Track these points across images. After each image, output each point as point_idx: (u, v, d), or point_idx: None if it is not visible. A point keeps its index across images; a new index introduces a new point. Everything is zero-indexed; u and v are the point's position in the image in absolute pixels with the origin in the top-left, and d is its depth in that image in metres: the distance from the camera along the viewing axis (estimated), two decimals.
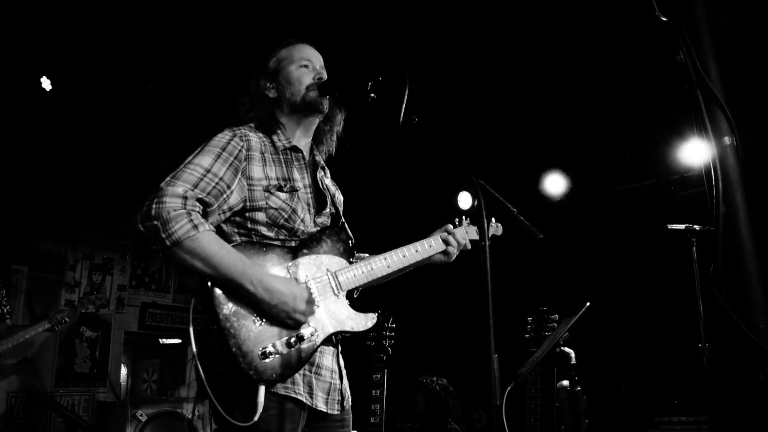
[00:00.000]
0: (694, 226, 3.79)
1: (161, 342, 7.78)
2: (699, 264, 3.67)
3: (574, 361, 3.80)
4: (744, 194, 2.61)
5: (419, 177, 6.56)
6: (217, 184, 2.21)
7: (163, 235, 2.05)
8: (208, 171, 2.20)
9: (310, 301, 2.21)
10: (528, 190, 6.64)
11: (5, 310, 5.00)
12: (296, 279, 2.25)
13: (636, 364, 5.87)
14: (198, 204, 2.16)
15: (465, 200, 6.72)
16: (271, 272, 2.20)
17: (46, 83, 5.63)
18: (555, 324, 3.85)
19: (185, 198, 2.12)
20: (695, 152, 5.41)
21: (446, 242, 2.72)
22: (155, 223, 2.06)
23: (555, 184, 6.66)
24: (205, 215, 2.19)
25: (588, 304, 3.57)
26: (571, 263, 6.32)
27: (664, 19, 2.79)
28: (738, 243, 2.55)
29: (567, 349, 3.77)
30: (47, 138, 6.23)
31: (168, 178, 2.16)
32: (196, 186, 2.16)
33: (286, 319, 2.17)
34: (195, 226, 2.08)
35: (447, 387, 4.97)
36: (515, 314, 4.28)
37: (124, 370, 7.61)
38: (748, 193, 2.63)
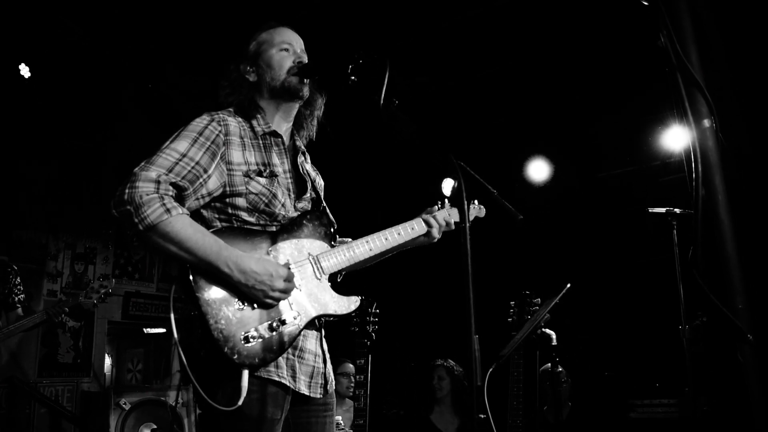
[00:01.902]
0: (675, 210, 3.82)
1: (146, 331, 7.73)
2: (679, 247, 3.70)
3: (555, 342, 3.83)
4: (723, 177, 2.64)
5: (404, 161, 6.54)
6: (192, 168, 2.19)
7: (136, 220, 2.05)
8: (184, 155, 2.19)
9: (289, 279, 2.20)
10: (513, 175, 6.67)
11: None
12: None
13: (618, 347, 5.93)
14: (172, 188, 2.15)
15: (449, 186, 6.72)
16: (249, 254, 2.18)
17: (24, 70, 5.58)
18: (538, 307, 3.88)
19: (158, 183, 2.11)
20: (677, 138, 5.45)
21: (428, 224, 2.71)
22: (128, 207, 2.05)
23: (539, 170, 6.69)
24: (180, 200, 2.17)
25: (569, 285, 3.59)
26: (555, 247, 6.36)
27: (646, 2, 2.81)
28: (717, 225, 2.57)
29: (548, 331, 3.80)
30: (27, 128, 6.15)
31: (142, 164, 2.15)
32: (170, 170, 2.15)
33: (264, 299, 2.15)
34: (168, 210, 2.08)
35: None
36: (500, 298, 4.31)
37: (108, 360, 7.57)
38: (727, 175, 2.66)
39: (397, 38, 5.37)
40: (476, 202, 3.02)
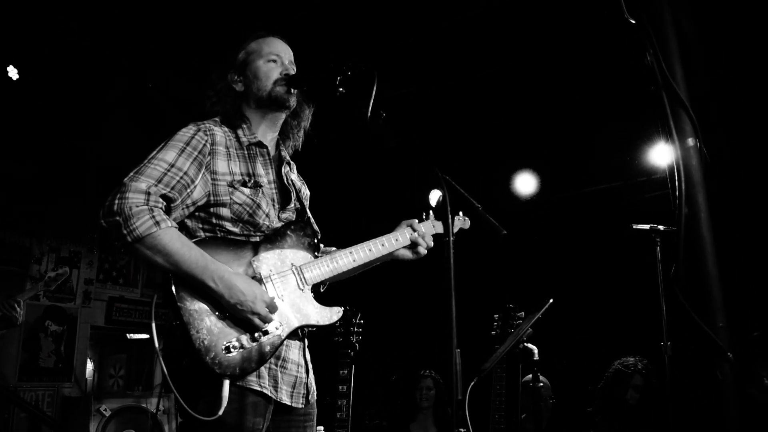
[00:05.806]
0: (659, 227, 3.83)
1: (129, 337, 7.67)
2: (662, 264, 3.71)
3: (537, 357, 3.84)
4: (706, 195, 2.66)
5: (391, 172, 6.54)
6: (181, 178, 2.19)
7: (125, 231, 2.04)
8: (172, 165, 2.19)
9: (271, 305, 2.20)
10: (500, 189, 6.69)
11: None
12: (260, 273, 2.25)
13: (601, 362, 5.94)
14: (161, 200, 2.15)
15: (436, 197, 6.72)
16: (234, 268, 2.19)
17: (12, 72, 5.54)
18: (521, 321, 3.88)
19: (148, 194, 2.11)
20: (662, 155, 5.49)
21: (414, 240, 2.68)
22: (117, 218, 2.05)
23: (526, 183, 6.72)
24: (168, 210, 2.17)
25: (551, 300, 3.60)
26: (541, 261, 6.38)
27: (633, 21, 2.84)
28: (699, 243, 2.59)
29: (530, 346, 3.81)
30: (11, 126, 6.09)
31: (131, 174, 2.14)
32: (159, 181, 2.15)
33: (244, 319, 2.16)
34: (157, 223, 2.08)
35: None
36: (484, 311, 4.30)
37: (90, 366, 7.49)
38: (710, 194, 2.68)
39: (396, 39, 5.34)
40: (461, 213, 3.02)
